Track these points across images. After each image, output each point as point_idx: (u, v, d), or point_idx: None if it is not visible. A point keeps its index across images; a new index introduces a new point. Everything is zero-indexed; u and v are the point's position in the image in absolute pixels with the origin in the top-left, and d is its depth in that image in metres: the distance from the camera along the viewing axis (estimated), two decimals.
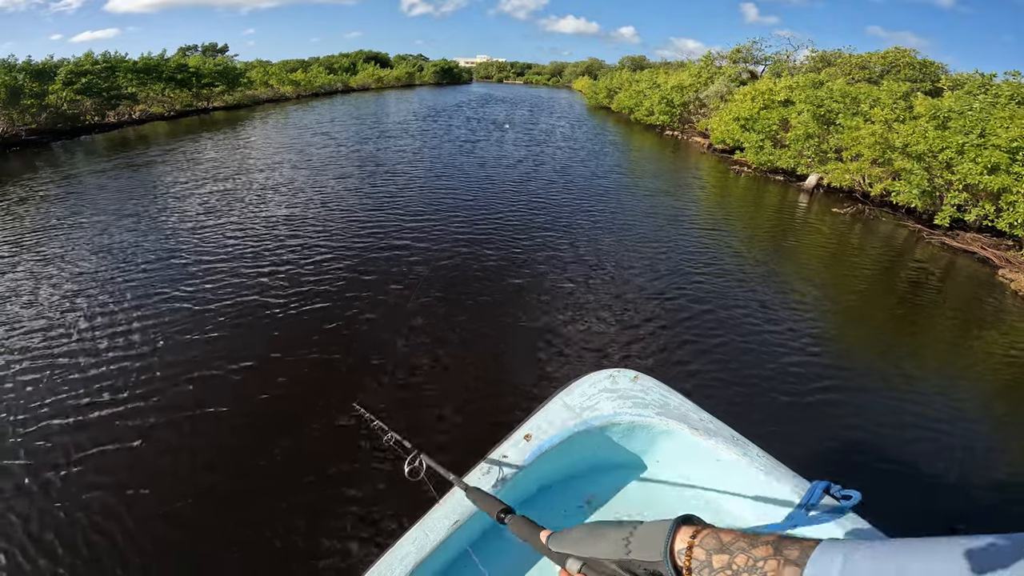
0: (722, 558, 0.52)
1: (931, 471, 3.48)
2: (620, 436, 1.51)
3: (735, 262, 7.27)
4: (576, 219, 8.77)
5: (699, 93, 20.64)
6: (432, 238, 7.33)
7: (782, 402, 4.08)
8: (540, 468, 1.40)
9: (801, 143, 12.23)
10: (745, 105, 14.61)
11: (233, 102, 25.44)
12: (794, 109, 13.15)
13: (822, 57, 22.81)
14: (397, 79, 52.08)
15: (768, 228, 9.39)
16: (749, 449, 1.39)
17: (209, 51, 36.06)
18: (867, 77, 19.58)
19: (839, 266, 7.71)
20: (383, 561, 1.15)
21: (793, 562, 0.47)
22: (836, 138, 11.46)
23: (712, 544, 0.54)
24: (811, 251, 8.28)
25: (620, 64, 53.68)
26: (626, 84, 29.86)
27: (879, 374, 4.68)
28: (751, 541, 0.52)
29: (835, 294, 6.60)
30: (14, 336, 4.53)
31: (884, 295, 6.81)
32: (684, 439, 1.46)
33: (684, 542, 0.56)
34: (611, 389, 1.60)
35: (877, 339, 5.51)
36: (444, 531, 1.19)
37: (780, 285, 6.62)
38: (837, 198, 11.65)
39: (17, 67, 14.45)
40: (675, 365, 4.53)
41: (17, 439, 3.33)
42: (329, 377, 4.10)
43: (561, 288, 5.93)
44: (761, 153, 13.46)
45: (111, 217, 7.85)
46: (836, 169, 11.18)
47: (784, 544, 0.49)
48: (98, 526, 2.73)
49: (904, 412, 4.11)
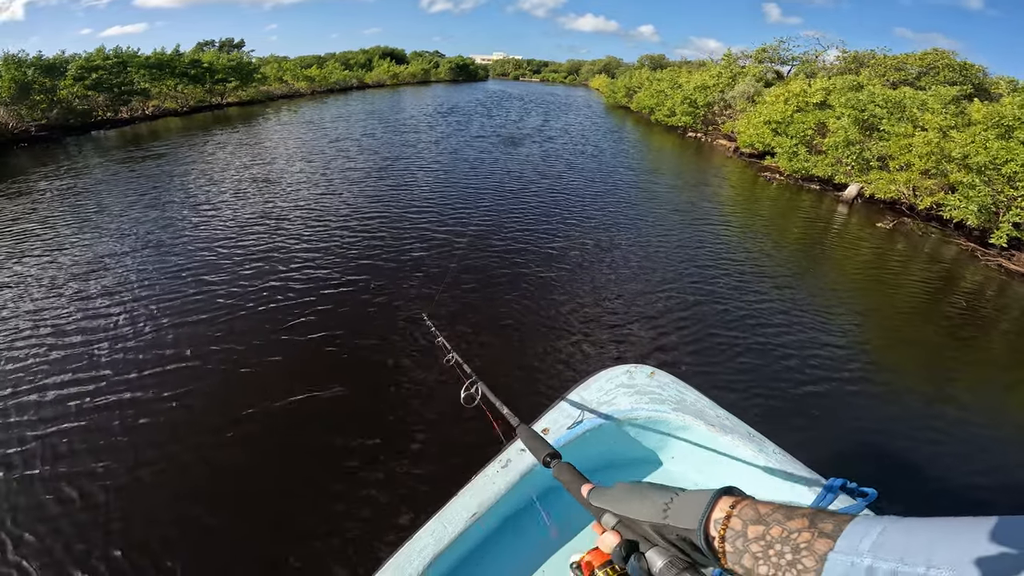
0: (757, 529, 0.52)
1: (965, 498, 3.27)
2: (636, 431, 1.52)
3: (765, 270, 6.93)
4: (599, 218, 8.55)
5: (724, 94, 19.77)
6: (457, 231, 7.54)
7: (811, 415, 3.95)
8: None
9: (840, 150, 11.39)
10: (777, 107, 13.77)
11: (247, 98, 25.17)
12: (831, 113, 12.30)
13: (854, 58, 21.76)
14: (412, 76, 51.70)
15: (802, 239, 8.75)
16: (765, 446, 1.38)
17: (226, 46, 35.98)
18: (903, 79, 18.60)
19: (880, 283, 7.10)
20: (402, 553, 1.16)
21: (827, 535, 0.47)
22: (880, 145, 10.63)
23: (750, 515, 0.54)
24: (849, 265, 7.69)
25: (639, 62, 52.52)
26: (646, 83, 28.96)
27: (921, 397, 4.41)
28: (787, 513, 0.52)
29: (875, 311, 6.14)
30: (49, 319, 4.72)
31: (930, 316, 6.23)
32: (700, 435, 1.45)
33: (723, 511, 0.55)
34: (628, 384, 1.60)
35: (920, 361, 5.09)
36: (450, 535, 1.19)
37: (813, 297, 6.25)
38: (878, 210, 10.83)
39: (27, 62, 14.18)
40: (692, 366, 4.48)
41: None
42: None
43: (573, 284, 5.97)
44: (795, 160, 12.63)
45: (125, 210, 7.79)
46: (880, 179, 10.36)
47: (820, 517, 0.49)
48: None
49: (941, 433, 3.89)
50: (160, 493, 2.89)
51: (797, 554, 0.48)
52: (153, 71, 19.59)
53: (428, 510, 1.30)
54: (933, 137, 9.12)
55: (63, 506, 2.80)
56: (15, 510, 2.77)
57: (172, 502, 2.85)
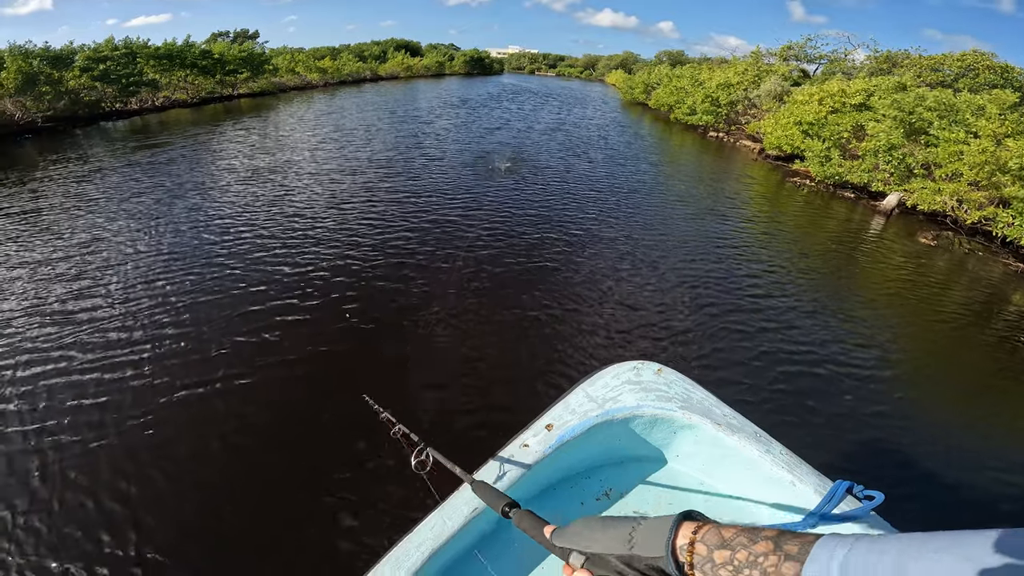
0: (724, 554, 0.51)
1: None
2: (642, 429, 1.49)
3: (788, 279, 6.65)
4: (616, 219, 8.42)
5: (749, 92, 18.94)
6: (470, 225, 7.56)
7: (826, 421, 3.89)
8: (560, 458, 1.39)
9: (881, 156, 10.63)
10: (810, 108, 12.99)
11: (258, 89, 24.85)
12: (870, 115, 11.52)
13: (887, 57, 20.77)
14: (426, 68, 51.12)
15: (833, 250, 8.14)
16: (772, 446, 1.36)
17: (240, 37, 35.69)
18: (939, 80, 17.67)
19: (918, 300, 6.54)
20: (400, 547, 1.15)
21: (793, 558, 0.46)
22: (926, 152, 9.87)
23: (714, 540, 0.53)
24: (883, 280, 7.11)
25: (657, 58, 51.37)
26: (665, 80, 28.06)
27: (950, 418, 4.22)
28: (751, 537, 0.51)
29: (908, 328, 5.80)
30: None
31: (970, 339, 5.72)
32: (706, 434, 1.43)
33: (686, 538, 0.55)
34: (634, 381, 1.58)
35: (953, 384, 4.80)
36: (450, 529, 1.18)
37: (841, 307, 5.96)
38: (917, 221, 10.09)
39: (33, 53, 13.89)
40: (701, 367, 4.45)
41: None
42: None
43: (584, 282, 5.98)
44: (828, 165, 11.86)
45: (137, 200, 7.59)
46: (924, 189, 9.62)
47: (784, 539, 0.49)
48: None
49: (966, 454, 3.71)
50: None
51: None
52: (163, 62, 19.28)
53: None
54: (988, 145, 8.38)
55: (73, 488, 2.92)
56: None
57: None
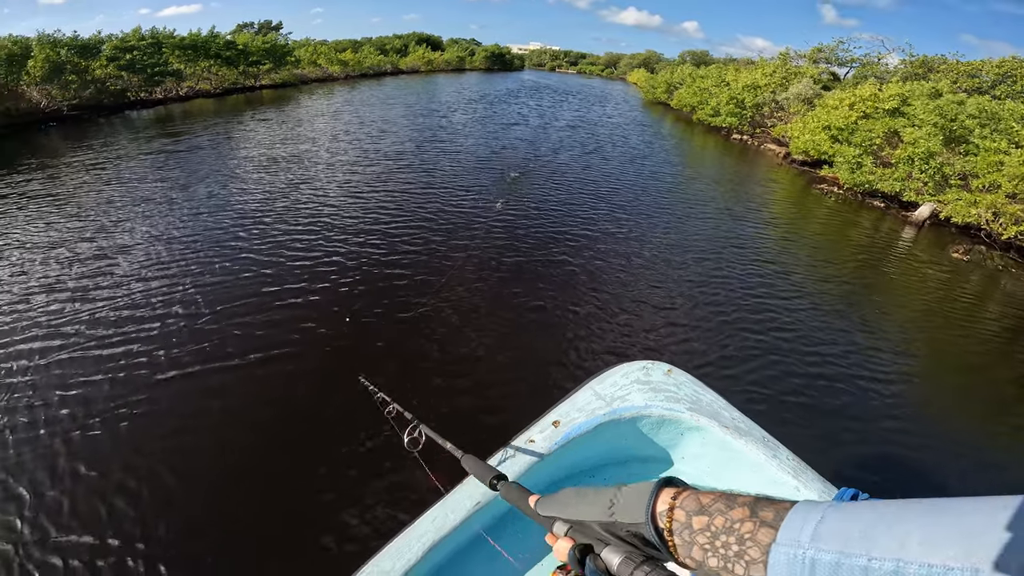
0: (701, 519, 0.51)
1: None
2: (649, 429, 1.48)
3: (811, 288, 6.48)
4: (631, 218, 8.35)
5: (776, 95, 18.43)
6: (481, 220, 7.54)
7: (843, 432, 3.84)
8: (566, 455, 1.38)
9: (916, 164, 10.19)
10: (840, 112, 12.54)
11: (280, 81, 25.01)
12: (905, 121, 11.05)
13: (922, 62, 20.05)
14: (447, 63, 51.09)
15: (859, 259, 7.88)
16: (779, 451, 1.36)
17: (264, 28, 36.00)
18: (976, 87, 17.03)
19: (945, 316, 6.28)
20: (401, 538, 1.16)
21: (768, 524, 0.46)
22: (964, 162, 9.43)
23: (692, 506, 0.53)
24: (910, 293, 6.86)
25: (680, 58, 50.51)
26: (688, 79, 27.52)
27: (973, 440, 4.04)
28: (728, 503, 0.51)
29: (935, 346, 5.56)
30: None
31: (1002, 361, 5.49)
32: (713, 436, 1.42)
33: (666, 503, 0.55)
34: (643, 381, 1.56)
35: (978, 404, 4.58)
36: (463, 512, 1.19)
37: (864, 320, 5.75)
38: (948, 234, 9.66)
39: (62, 42, 14.10)
40: (714, 368, 4.43)
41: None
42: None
43: (596, 284, 5.91)
44: (858, 172, 11.43)
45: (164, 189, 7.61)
46: (959, 200, 9.18)
47: (760, 505, 0.49)
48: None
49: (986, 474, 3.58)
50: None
51: (742, 545, 0.47)
52: (188, 52, 19.48)
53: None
54: None
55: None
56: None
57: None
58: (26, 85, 13.02)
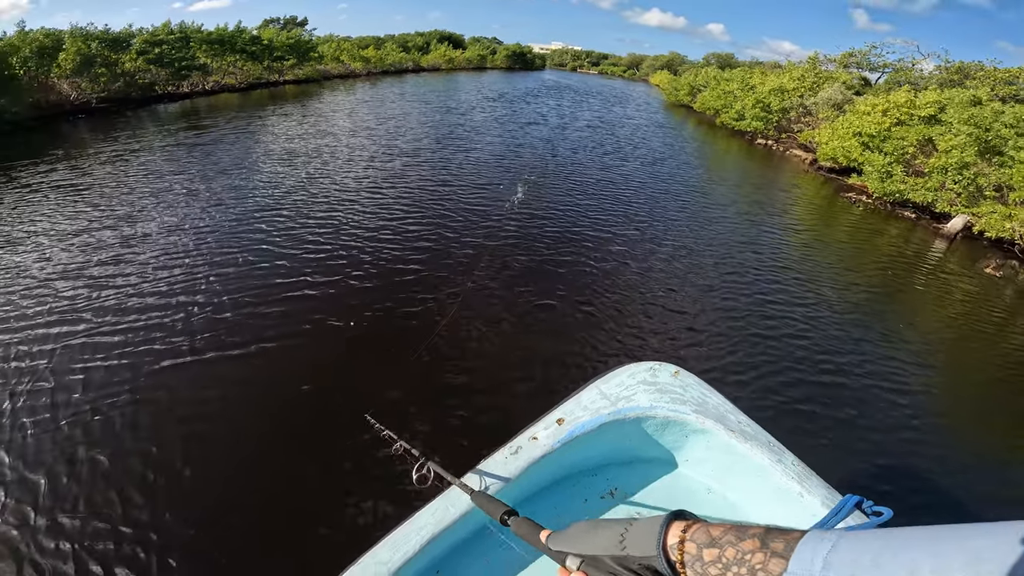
0: (712, 552, 0.51)
1: None
2: (653, 430, 1.47)
3: (833, 298, 6.28)
4: (648, 220, 8.29)
5: (805, 99, 17.95)
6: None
7: (859, 441, 3.77)
8: (569, 453, 1.37)
9: (951, 174, 9.78)
10: (872, 118, 12.12)
11: (303, 76, 25.28)
12: (941, 129, 10.62)
13: (958, 68, 19.39)
14: (468, 61, 51.12)
15: (886, 270, 7.63)
16: (784, 456, 1.35)
17: (289, 24, 36.47)
18: (1013, 94, 16.40)
19: (972, 332, 6.06)
20: (401, 529, 1.15)
21: (779, 554, 0.46)
22: (999, 173, 9.02)
23: (702, 538, 0.53)
24: (937, 306, 6.64)
25: (705, 60, 49.70)
26: (712, 82, 27.02)
27: (995, 459, 3.89)
28: (739, 535, 0.51)
29: (960, 361, 5.42)
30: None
31: None
32: (718, 439, 1.40)
33: (676, 536, 0.55)
34: (650, 382, 1.55)
35: (1008, 424, 4.41)
36: (464, 506, 1.17)
37: (887, 331, 5.60)
38: (981, 248, 9.26)
39: (93, 35, 14.41)
40: (728, 376, 4.35)
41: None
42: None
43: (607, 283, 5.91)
44: (889, 181, 11.03)
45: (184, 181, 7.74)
46: (994, 213, 8.78)
47: (771, 536, 0.49)
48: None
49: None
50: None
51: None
52: (215, 47, 19.79)
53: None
54: None
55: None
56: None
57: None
58: (56, 78, 13.32)
